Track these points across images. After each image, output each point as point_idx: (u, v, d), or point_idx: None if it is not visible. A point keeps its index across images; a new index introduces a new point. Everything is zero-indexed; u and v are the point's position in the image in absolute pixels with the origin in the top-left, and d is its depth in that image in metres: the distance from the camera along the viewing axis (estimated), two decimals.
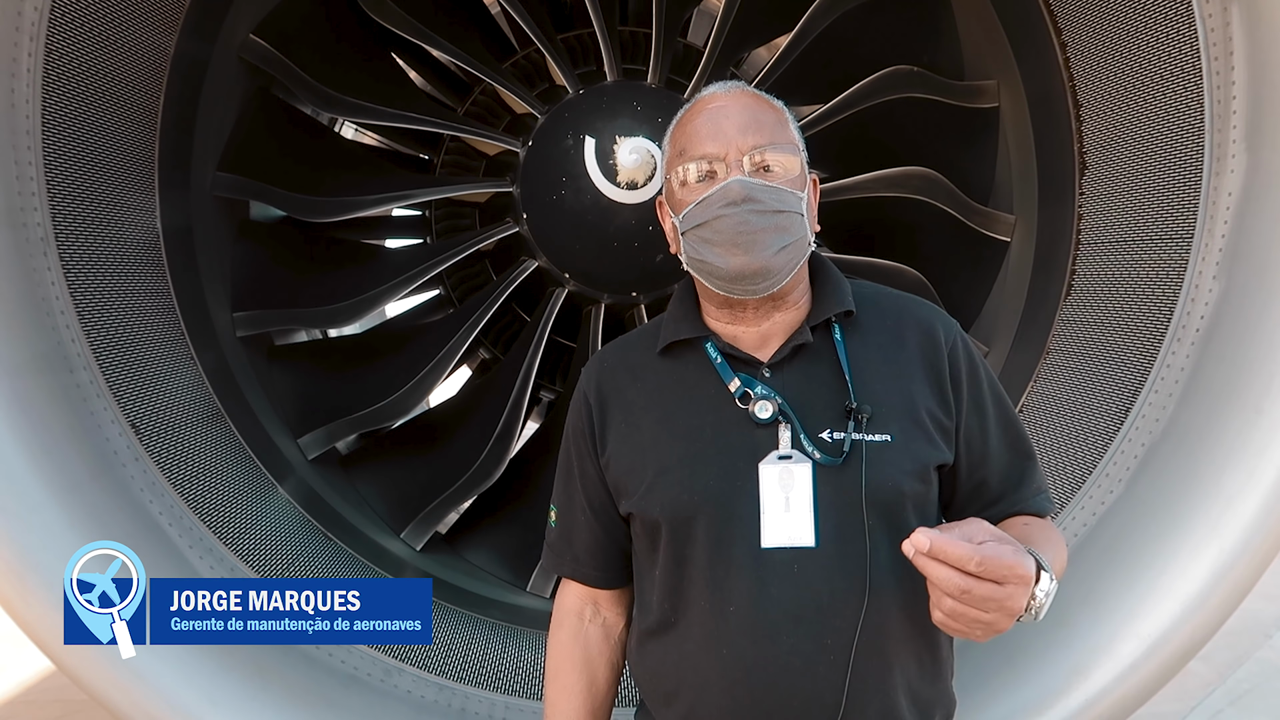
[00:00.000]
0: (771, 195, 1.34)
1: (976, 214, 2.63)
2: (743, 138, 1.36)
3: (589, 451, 1.48)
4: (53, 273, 1.94)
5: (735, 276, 1.35)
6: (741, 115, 1.38)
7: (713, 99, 1.42)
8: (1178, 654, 1.90)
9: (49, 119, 1.94)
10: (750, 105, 1.40)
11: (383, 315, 4.12)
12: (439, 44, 2.56)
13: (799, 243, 1.37)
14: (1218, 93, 1.92)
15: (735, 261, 1.34)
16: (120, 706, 1.81)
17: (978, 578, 1.11)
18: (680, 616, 1.39)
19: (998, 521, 1.41)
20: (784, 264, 1.36)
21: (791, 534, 1.33)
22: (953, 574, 1.10)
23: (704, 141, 1.37)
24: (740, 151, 1.35)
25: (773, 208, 1.34)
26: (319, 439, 2.59)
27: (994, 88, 2.65)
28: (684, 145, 1.40)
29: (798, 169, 1.39)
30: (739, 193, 1.33)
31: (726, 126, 1.36)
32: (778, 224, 1.34)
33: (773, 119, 1.40)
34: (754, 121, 1.38)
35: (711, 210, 1.34)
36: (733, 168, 1.35)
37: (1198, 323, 1.96)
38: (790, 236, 1.35)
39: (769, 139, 1.37)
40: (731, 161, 1.35)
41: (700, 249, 1.37)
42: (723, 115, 1.38)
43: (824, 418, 1.36)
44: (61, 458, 1.84)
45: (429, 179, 3.38)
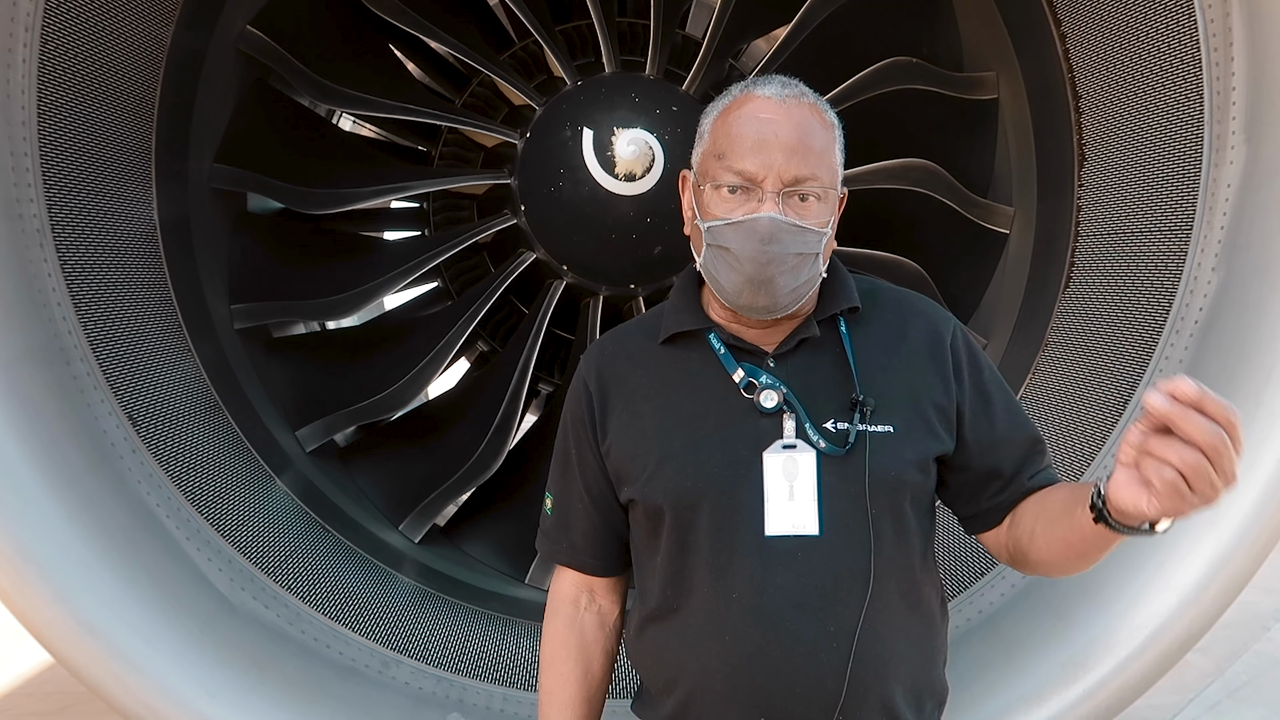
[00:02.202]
0: (797, 239, 1.33)
1: (975, 206, 2.63)
2: (787, 165, 1.31)
3: (588, 438, 1.48)
4: (49, 264, 1.93)
5: (743, 306, 1.38)
6: (791, 135, 1.32)
7: (765, 105, 1.35)
8: (1176, 646, 1.91)
9: (45, 110, 1.94)
10: (802, 124, 1.34)
11: (381, 308, 4.11)
12: (437, 35, 2.56)
13: (810, 280, 1.38)
14: (1217, 84, 1.92)
15: (745, 297, 1.36)
16: (119, 698, 1.81)
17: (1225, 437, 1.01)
18: (682, 603, 1.40)
19: (1014, 503, 1.44)
20: (791, 301, 1.38)
21: (795, 522, 1.34)
22: (1212, 426, 1.01)
23: (746, 156, 1.33)
24: (781, 181, 1.32)
25: (794, 250, 1.33)
26: (317, 431, 2.59)
27: (993, 79, 2.64)
28: (725, 148, 1.35)
29: (833, 199, 1.38)
30: (768, 231, 1.32)
31: (773, 147, 1.31)
32: (795, 266, 1.34)
33: (822, 142, 1.35)
34: (802, 146, 1.32)
35: (735, 239, 1.34)
36: (767, 198, 1.32)
37: (1196, 314, 1.96)
38: (804, 277, 1.36)
39: (812, 171, 1.33)
40: (769, 190, 1.32)
41: (716, 266, 1.38)
42: (771, 132, 1.32)
43: (827, 408, 1.38)
44: (58, 450, 1.84)
45: (427, 171, 3.37)
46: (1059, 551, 1.34)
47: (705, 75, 2.62)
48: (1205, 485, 1.02)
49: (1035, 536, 1.37)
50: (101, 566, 1.83)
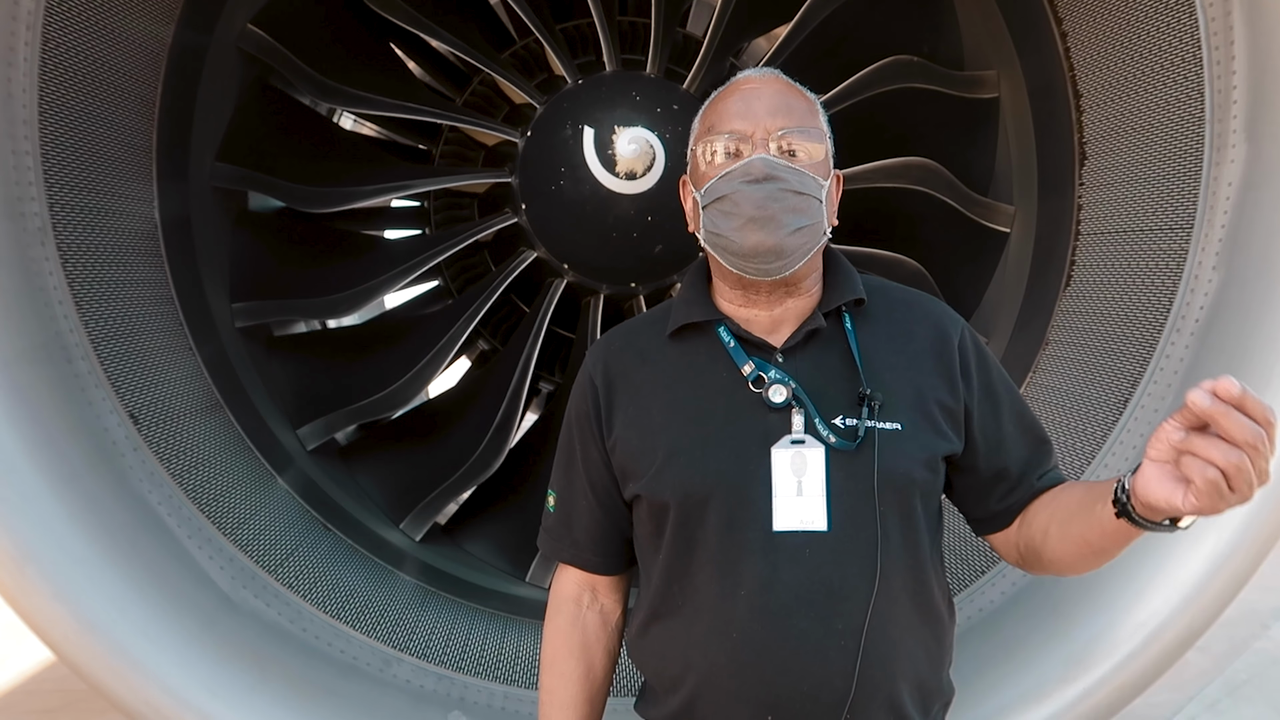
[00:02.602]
0: (793, 175, 1.35)
1: (976, 205, 2.63)
2: (772, 119, 1.37)
3: (593, 434, 1.48)
4: (50, 263, 1.93)
5: (749, 253, 1.36)
6: (773, 98, 1.39)
7: (746, 81, 1.43)
8: (1175, 644, 1.91)
9: (46, 109, 1.94)
10: (783, 90, 1.42)
11: (382, 306, 4.12)
12: (438, 34, 2.56)
13: (815, 226, 1.38)
14: (1218, 82, 1.92)
15: (751, 238, 1.35)
16: (120, 696, 1.81)
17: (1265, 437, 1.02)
18: (688, 599, 1.39)
19: (1024, 504, 1.44)
20: (798, 245, 1.37)
21: (803, 518, 1.34)
22: (1252, 425, 1.01)
23: (733, 119, 1.39)
24: (768, 132, 1.36)
25: (793, 188, 1.35)
26: (318, 430, 2.59)
27: (994, 78, 2.64)
28: (712, 122, 1.42)
29: (822, 156, 1.40)
30: (761, 169, 1.34)
31: (757, 107, 1.38)
32: (796, 205, 1.35)
33: (804, 106, 1.42)
34: (784, 105, 1.39)
35: (732, 184, 1.35)
36: (758, 146, 1.36)
37: (1197, 313, 1.96)
38: (807, 219, 1.36)
39: (797, 123, 1.38)
40: (758, 140, 1.36)
41: (718, 222, 1.38)
42: (754, 96, 1.40)
43: (835, 404, 1.38)
44: (60, 448, 1.84)
45: (428, 170, 3.37)
46: (1074, 549, 1.34)
47: (706, 74, 2.62)
48: (1244, 484, 1.04)
49: (1049, 535, 1.38)
50: (102, 564, 1.83)
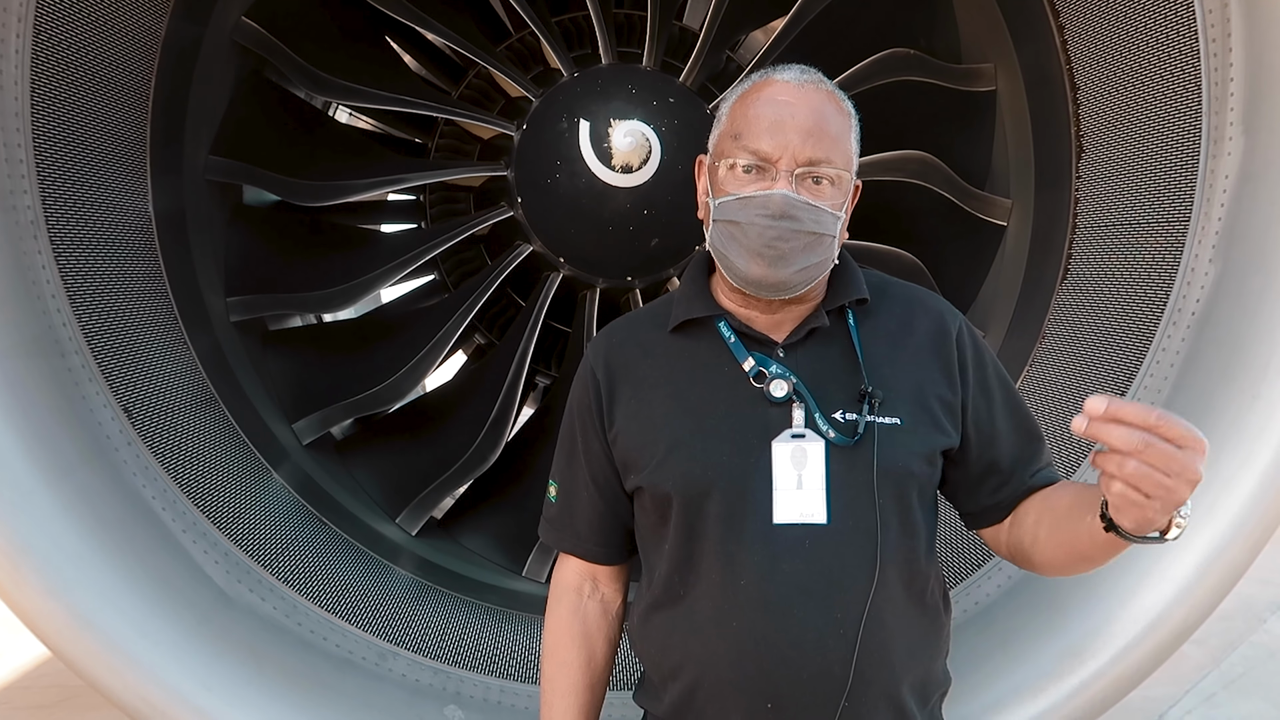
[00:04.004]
0: (811, 216, 1.33)
1: (973, 198, 2.62)
2: (802, 146, 1.32)
3: (595, 426, 1.48)
4: (43, 256, 1.92)
5: (752, 282, 1.37)
6: (808, 119, 1.33)
7: (783, 89, 1.36)
8: (1172, 637, 1.91)
9: (38, 101, 1.93)
10: (818, 108, 1.35)
11: (377, 300, 4.12)
12: (433, 26, 2.54)
13: (823, 262, 1.38)
14: (1215, 75, 1.91)
15: (756, 270, 1.35)
16: (116, 691, 1.81)
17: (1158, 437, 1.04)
18: (689, 590, 1.40)
19: (1016, 501, 1.45)
20: (803, 280, 1.37)
21: (804, 510, 1.35)
22: (1132, 431, 1.03)
23: (762, 136, 1.33)
24: (795, 161, 1.32)
25: (808, 229, 1.33)
26: (314, 424, 2.59)
27: (991, 71, 2.64)
28: (741, 129, 1.36)
29: (847, 184, 1.38)
30: (780, 207, 1.32)
31: (789, 128, 1.32)
32: (808, 244, 1.34)
33: (837, 127, 1.36)
34: (818, 130, 1.33)
35: (747, 214, 1.34)
36: (781, 176, 1.32)
37: (1194, 306, 1.96)
38: (816, 257, 1.36)
39: (826, 154, 1.33)
40: (783, 169, 1.33)
41: (726, 244, 1.38)
42: (788, 114, 1.33)
43: (836, 399, 1.39)
44: (53, 443, 1.84)
45: (423, 163, 3.36)
46: (1064, 555, 1.36)
47: (702, 67, 2.61)
48: (1153, 485, 1.05)
49: (1039, 540, 1.39)
50: (97, 560, 1.82)
